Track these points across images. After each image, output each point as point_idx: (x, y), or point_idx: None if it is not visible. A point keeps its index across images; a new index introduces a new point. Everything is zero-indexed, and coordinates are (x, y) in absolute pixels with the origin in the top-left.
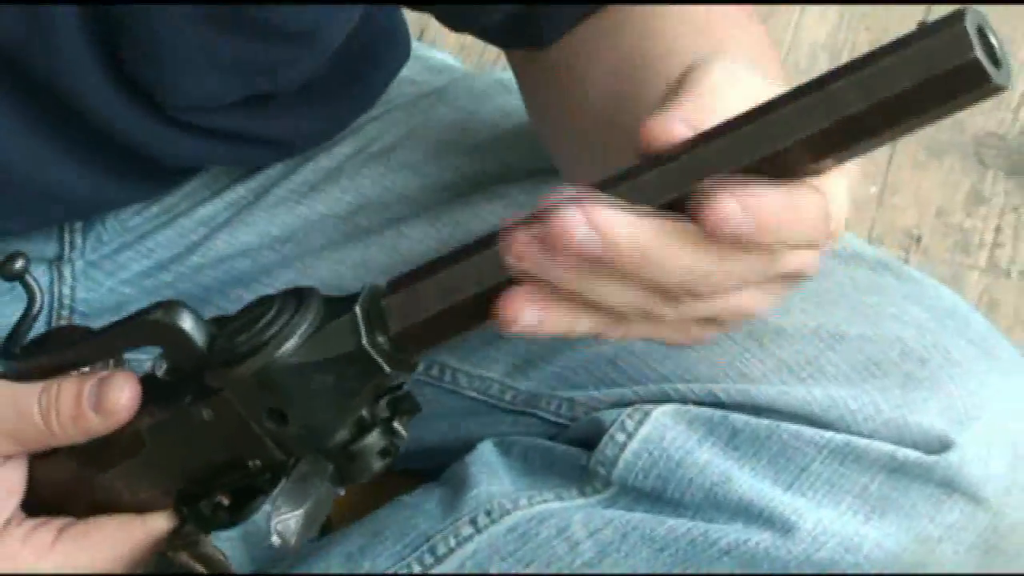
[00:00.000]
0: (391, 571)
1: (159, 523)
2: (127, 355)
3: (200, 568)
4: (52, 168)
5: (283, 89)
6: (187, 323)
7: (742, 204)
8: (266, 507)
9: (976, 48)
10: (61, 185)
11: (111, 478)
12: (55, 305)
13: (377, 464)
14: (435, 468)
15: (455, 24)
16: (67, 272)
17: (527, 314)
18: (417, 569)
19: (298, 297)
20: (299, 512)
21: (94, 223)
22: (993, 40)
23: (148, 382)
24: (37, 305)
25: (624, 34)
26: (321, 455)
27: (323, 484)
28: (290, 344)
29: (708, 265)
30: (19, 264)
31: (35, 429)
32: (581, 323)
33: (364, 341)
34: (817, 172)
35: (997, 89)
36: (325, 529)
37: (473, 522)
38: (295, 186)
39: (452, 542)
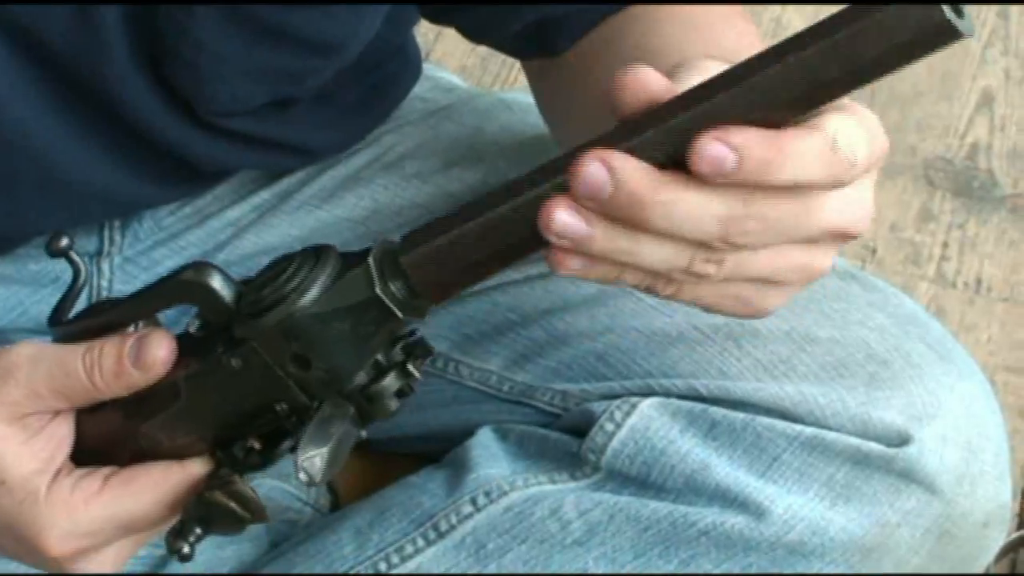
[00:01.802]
0: (398, 544)
1: (197, 467)
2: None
3: (234, 505)
4: (95, 169)
5: (305, 94)
6: (216, 281)
7: (724, 142)
8: (293, 447)
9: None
10: (103, 185)
11: (151, 428)
12: (93, 296)
13: (393, 404)
14: (438, 451)
15: (475, 35)
16: (106, 266)
17: (573, 262)
18: (421, 543)
19: (316, 253)
20: (323, 450)
21: (131, 221)
22: None
23: (183, 339)
24: (82, 278)
25: (627, 35)
26: (342, 398)
27: (345, 424)
28: (310, 295)
29: (733, 210)
30: (64, 242)
31: (81, 385)
32: (628, 276)
33: (378, 289)
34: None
35: (959, 36)
36: (335, 505)
37: (473, 501)
38: (315, 192)
39: (454, 519)
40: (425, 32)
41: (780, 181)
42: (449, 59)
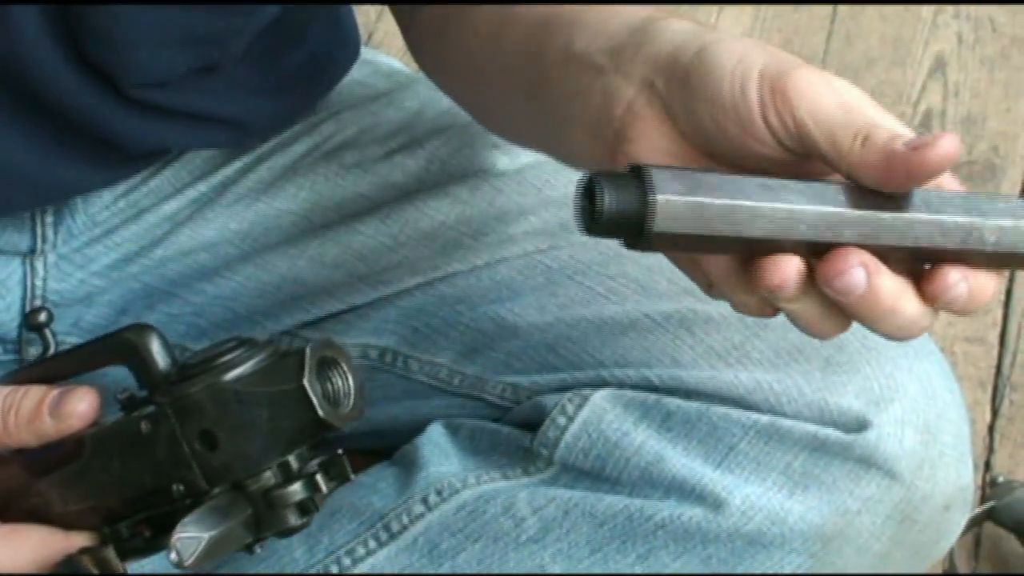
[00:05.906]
0: (349, 546)
1: (80, 540)
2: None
3: (96, 572)
4: (15, 153)
5: (228, 59)
6: (154, 344)
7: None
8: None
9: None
10: (25, 170)
11: (48, 485)
12: (28, 296)
13: (293, 518)
14: (389, 447)
15: None
16: (40, 265)
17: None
18: (373, 544)
19: (263, 344)
20: (203, 536)
21: (64, 217)
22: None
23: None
24: (50, 353)
25: None
26: (243, 496)
27: (236, 524)
28: (238, 371)
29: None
30: (43, 316)
31: None
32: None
33: (305, 380)
34: None
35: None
36: None
37: (424, 501)
38: (253, 184)
39: (405, 519)
40: (367, 11)
41: None
42: (392, 39)
